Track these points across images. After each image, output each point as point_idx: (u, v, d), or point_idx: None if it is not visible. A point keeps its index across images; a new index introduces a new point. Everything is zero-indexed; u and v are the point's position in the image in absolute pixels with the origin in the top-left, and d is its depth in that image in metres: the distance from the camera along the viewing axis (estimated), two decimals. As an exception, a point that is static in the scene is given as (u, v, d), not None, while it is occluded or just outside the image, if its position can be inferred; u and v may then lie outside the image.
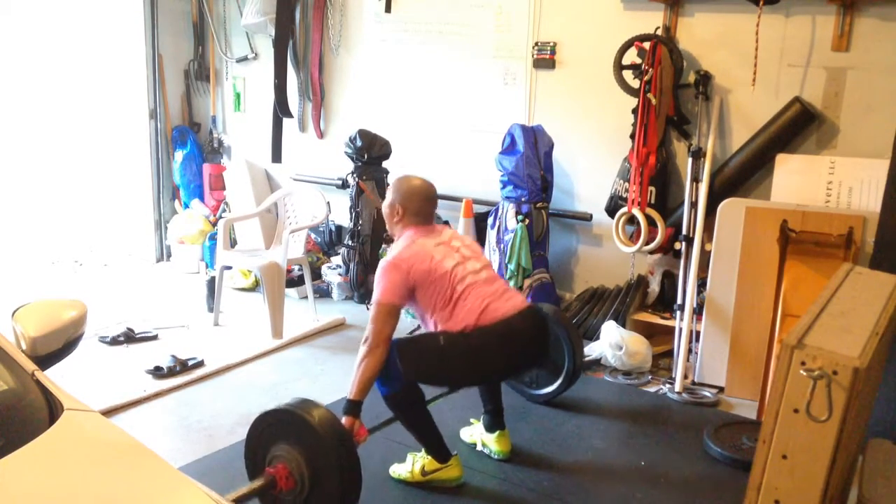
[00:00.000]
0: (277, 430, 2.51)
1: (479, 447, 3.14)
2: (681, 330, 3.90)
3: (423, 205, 2.87)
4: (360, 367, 2.63)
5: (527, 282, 4.33)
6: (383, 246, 4.95)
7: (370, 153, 4.89)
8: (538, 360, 3.07)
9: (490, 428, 3.08)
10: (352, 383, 2.64)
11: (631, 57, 4.13)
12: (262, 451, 2.54)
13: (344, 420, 2.58)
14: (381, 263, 2.77)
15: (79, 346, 2.04)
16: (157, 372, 3.79)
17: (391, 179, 4.98)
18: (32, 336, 1.90)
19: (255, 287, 5.25)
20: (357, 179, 4.93)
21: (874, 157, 3.60)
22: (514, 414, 3.32)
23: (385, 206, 2.94)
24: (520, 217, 4.34)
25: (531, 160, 4.34)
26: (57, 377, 1.84)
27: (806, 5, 3.77)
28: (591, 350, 4.03)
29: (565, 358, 3.40)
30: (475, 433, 3.17)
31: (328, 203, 4.89)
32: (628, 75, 4.14)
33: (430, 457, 2.82)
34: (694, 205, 3.98)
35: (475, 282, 2.76)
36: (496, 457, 3.07)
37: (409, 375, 2.71)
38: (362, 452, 2.55)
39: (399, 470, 2.89)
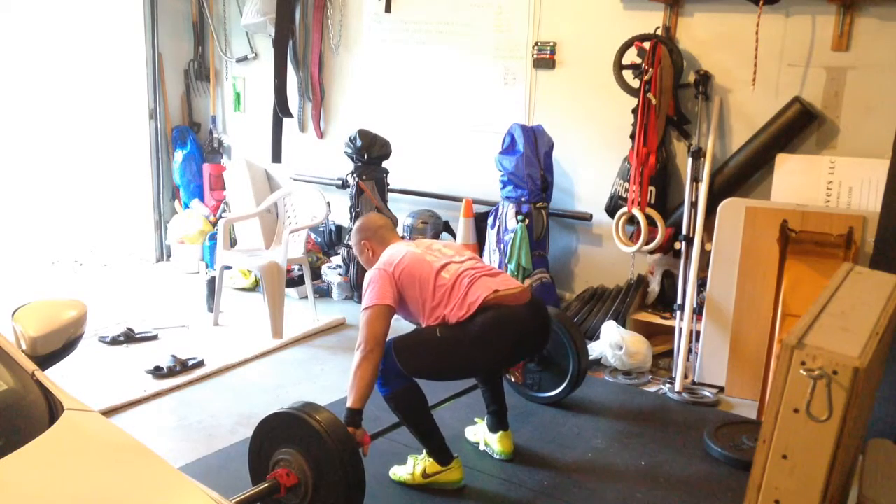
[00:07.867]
0: (281, 433, 2.49)
1: (481, 447, 3.14)
2: (681, 330, 3.90)
3: (385, 232, 3.03)
4: (356, 374, 2.58)
5: (527, 281, 4.33)
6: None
7: (370, 153, 4.89)
8: (538, 351, 3.03)
9: (493, 428, 3.09)
10: (349, 391, 2.58)
11: (631, 57, 4.13)
12: (266, 454, 2.53)
13: None
14: (367, 273, 2.80)
15: (79, 346, 2.04)
16: (157, 372, 3.79)
17: (391, 180, 5.03)
18: (32, 336, 1.90)
19: (255, 287, 5.25)
20: (357, 179, 4.93)
21: (874, 157, 3.60)
22: (514, 414, 3.31)
23: (358, 254, 3.05)
24: (520, 217, 4.34)
25: (531, 160, 4.34)
26: (57, 377, 1.84)
27: (806, 5, 3.77)
28: (591, 350, 4.03)
29: (570, 362, 3.40)
30: (479, 432, 3.17)
31: (328, 203, 4.89)
32: (628, 75, 4.14)
33: (431, 459, 2.81)
34: (694, 205, 3.98)
35: (462, 270, 2.75)
36: (498, 457, 3.07)
37: (409, 370, 2.70)
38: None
39: (399, 472, 2.89)
